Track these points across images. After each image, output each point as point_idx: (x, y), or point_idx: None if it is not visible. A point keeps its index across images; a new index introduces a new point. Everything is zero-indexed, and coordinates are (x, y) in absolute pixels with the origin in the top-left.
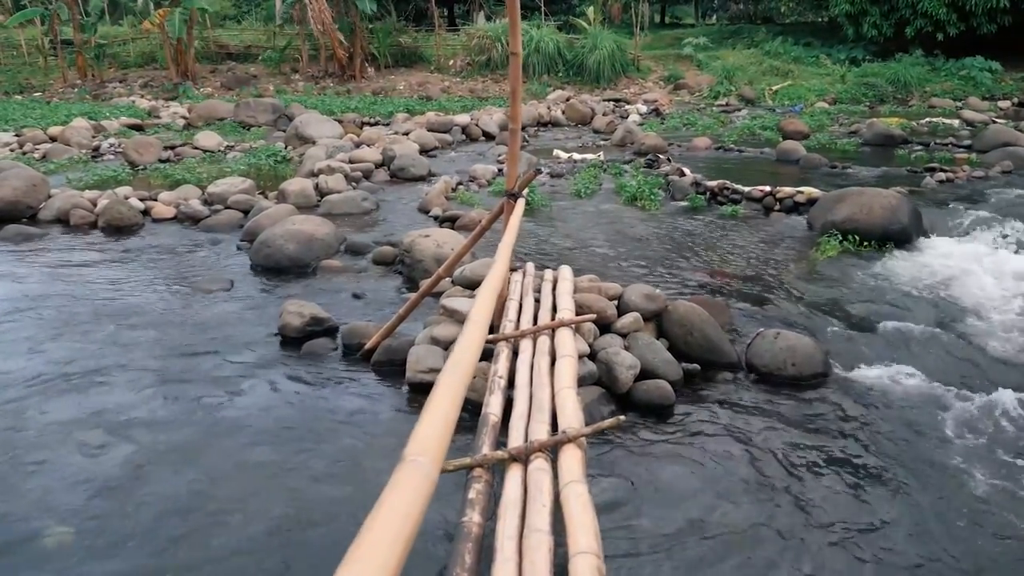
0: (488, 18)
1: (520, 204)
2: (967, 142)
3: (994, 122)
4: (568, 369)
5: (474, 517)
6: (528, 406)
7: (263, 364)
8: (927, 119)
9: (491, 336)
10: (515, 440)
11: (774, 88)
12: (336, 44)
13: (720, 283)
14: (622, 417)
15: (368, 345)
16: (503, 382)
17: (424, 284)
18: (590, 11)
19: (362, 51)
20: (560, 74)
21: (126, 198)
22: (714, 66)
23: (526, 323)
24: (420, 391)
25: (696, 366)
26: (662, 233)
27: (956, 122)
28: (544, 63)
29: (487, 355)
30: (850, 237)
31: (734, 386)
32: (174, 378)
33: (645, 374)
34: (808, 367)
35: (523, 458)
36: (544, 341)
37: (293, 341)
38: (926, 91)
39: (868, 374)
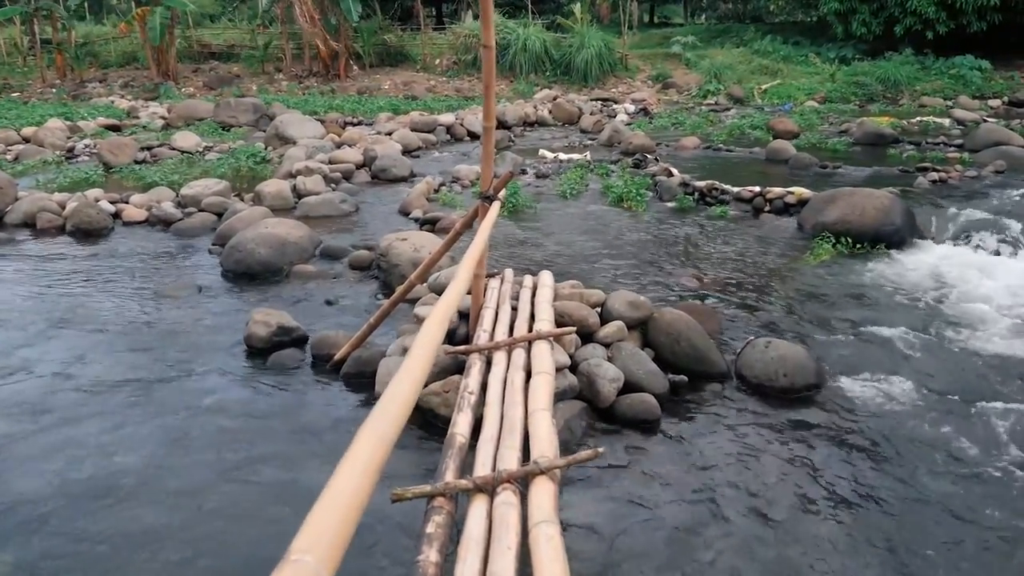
0: (476, 17)
1: (495, 207)
2: (959, 141)
3: (985, 121)
4: (544, 388)
5: (431, 555)
6: (499, 428)
7: (225, 376)
8: (918, 118)
9: (463, 347)
10: (482, 466)
11: (763, 87)
12: (322, 42)
13: (707, 288)
14: (601, 449)
15: (337, 356)
16: (474, 398)
17: (398, 289)
18: (577, 9)
19: (347, 50)
20: (547, 73)
21: (96, 201)
22: (703, 65)
23: (502, 333)
24: None
25: (683, 377)
26: (649, 235)
27: (947, 121)
28: (531, 62)
29: (460, 368)
30: (842, 239)
31: (723, 398)
32: (128, 390)
33: (629, 387)
34: (800, 377)
35: (490, 489)
36: (520, 354)
37: (260, 351)
38: (916, 90)
39: (862, 385)
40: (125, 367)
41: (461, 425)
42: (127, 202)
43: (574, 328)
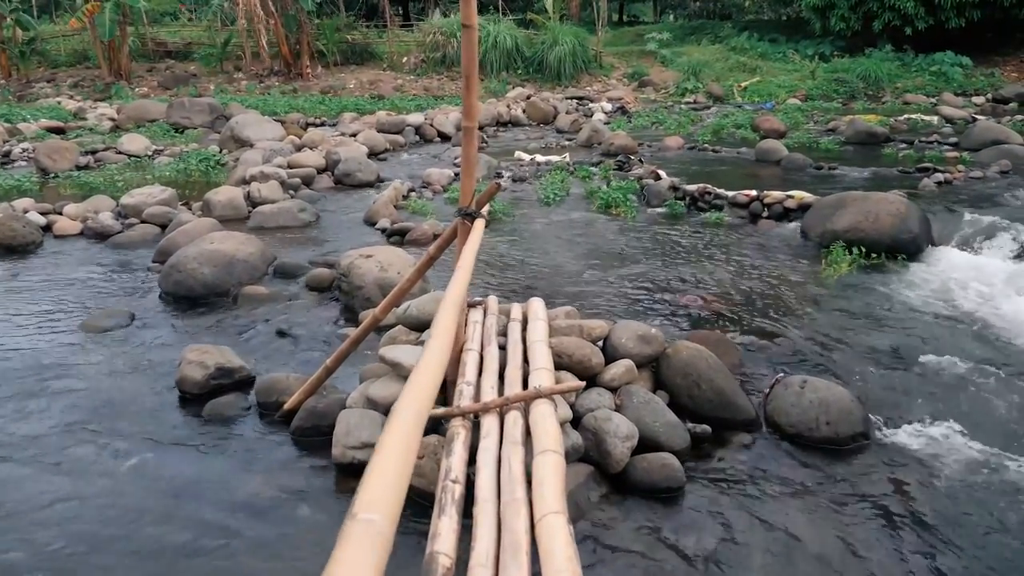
0: (444, 14)
1: (479, 226)
2: (953, 140)
3: (975, 119)
4: (553, 478)
5: None
6: (495, 542)
7: (150, 431)
8: (904, 116)
9: (443, 410)
10: None
11: (742, 84)
12: (281, 38)
13: (715, 310)
14: None
15: (287, 405)
16: (458, 491)
17: (360, 326)
18: (549, 5)
19: (309, 48)
20: (519, 71)
21: (24, 212)
22: (679, 62)
23: (489, 387)
24: (351, 474)
25: (706, 428)
26: (642, 247)
27: (935, 119)
28: (502, 60)
29: (435, 425)
30: (854, 248)
31: (756, 454)
32: (24, 452)
33: (644, 443)
34: (845, 426)
35: None
36: (515, 420)
37: (195, 397)
38: (897, 87)
39: (914, 433)
40: (25, 421)
41: (444, 539)
42: (60, 213)
43: (582, 384)
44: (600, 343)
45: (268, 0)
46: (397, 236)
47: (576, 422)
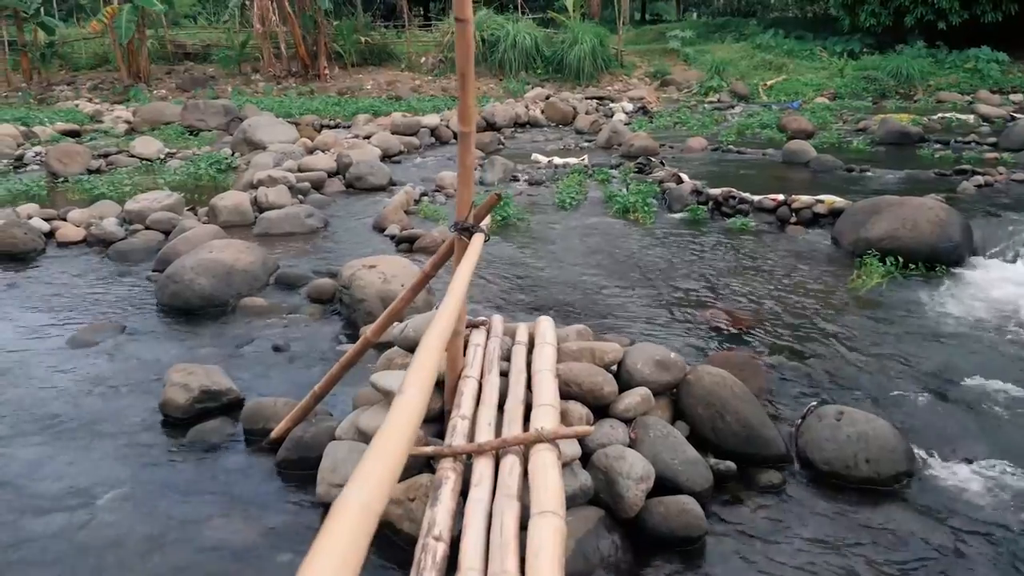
0: None
1: (477, 242)
2: (992, 139)
3: (1014, 118)
4: (551, 548)
5: None
6: None
7: (127, 461)
8: (939, 114)
9: (432, 449)
10: None
11: (768, 83)
12: (298, 40)
13: (741, 327)
14: None
15: (273, 434)
16: (441, 550)
17: (351, 348)
18: (569, 4)
19: (326, 49)
20: (539, 71)
21: (28, 218)
22: (703, 61)
23: (486, 417)
24: None
25: (731, 464)
26: (662, 256)
27: (971, 117)
28: (521, 59)
29: (429, 462)
30: (890, 258)
31: (786, 496)
32: None
33: (661, 483)
34: (888, 464)
35: None
36: (512, 467)
37: (179, 422)
38: (930, 84)
39: (966, 472)
40: None
41: None
42: (64, 219)
43: (591, 430)
44: (614, 368)
45: (285, 1)
46: (406, 243)
47: (585, 459)
